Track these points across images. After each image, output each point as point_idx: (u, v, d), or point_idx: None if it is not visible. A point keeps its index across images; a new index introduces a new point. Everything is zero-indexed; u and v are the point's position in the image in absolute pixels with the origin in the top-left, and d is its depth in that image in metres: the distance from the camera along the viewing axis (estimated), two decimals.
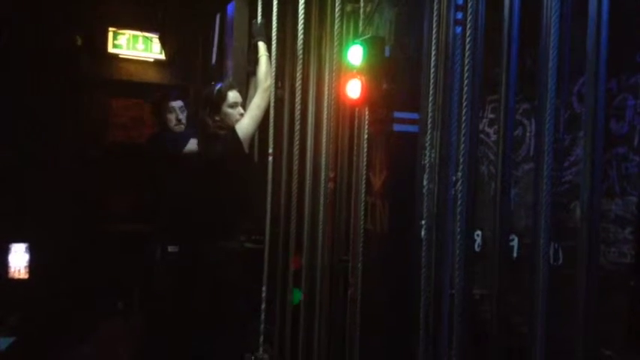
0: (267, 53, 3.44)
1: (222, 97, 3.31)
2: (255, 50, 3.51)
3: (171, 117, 3.79)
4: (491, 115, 2.71)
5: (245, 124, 3.30)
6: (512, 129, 2.10)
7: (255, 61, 3.51)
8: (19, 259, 5.47)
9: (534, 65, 1.95)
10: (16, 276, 5.42)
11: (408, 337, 2.31)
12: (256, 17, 3.70)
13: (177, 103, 3.84)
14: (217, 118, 3.27)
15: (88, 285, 5.37)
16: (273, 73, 3.45)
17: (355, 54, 2.33)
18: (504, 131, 2.05)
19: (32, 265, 5.47)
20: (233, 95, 3.36)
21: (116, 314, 5.06)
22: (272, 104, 3.50)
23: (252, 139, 3.41)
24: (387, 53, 2.36)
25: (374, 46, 2.33)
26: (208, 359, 3.22)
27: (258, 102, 3.35)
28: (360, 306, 2.58)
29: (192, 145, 3.62)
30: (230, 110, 3.30)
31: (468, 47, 2.09)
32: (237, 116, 3.30)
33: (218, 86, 3.40)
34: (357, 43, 2.35)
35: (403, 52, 2.36)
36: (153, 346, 3.26)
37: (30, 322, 4.86)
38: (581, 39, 1.79)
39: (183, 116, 3.84)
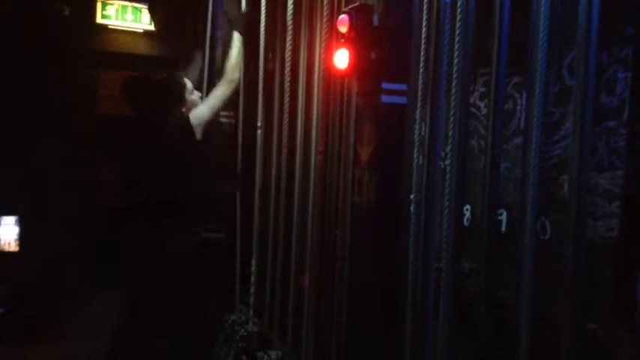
0: (240, 45, 3.34)
1: (182, 85, 3.16)
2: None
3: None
4: (483, 89, 2.69)
5: (200, 111, 3.16)
6: (502, 102, 2.08)
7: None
8: (9, 231, 5.47)
9: (527, 36, 1.92)
10: (6, 249, 5.43)
11: (395, 310, 2.32)
12: None
13: None
14: (184, 110, 3.15)
15: (79, 258, 5.37)
16: (242, 67, 3.33)
17: (343, 23, 2.28)
18: (495, 105, 2.02)
19: (22, 238, 5.47)
20: (188, 80, 3.24)
21: (108, 286, 5.05)
22: (261, 76, 3.46)
23: (205, 126, 3.28)
24: (375, 22, 2.31)
25: (362, 14, 2.28)
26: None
27: (220, 92, 3.23)
28: (348, 279, 2.58)
29: None
30: (192, 97, 3.20)
31: (459, 17, 2.06)
32: (198, 101, 3.20)
33: (168, 77, 3.23)
34: (345, 13, 2.31)
35: (392, 21, 2.31)
36: (136, 323, 3.22)
37: (20, 294, 4.87)
38: (573, 10, 1.76)
39: None
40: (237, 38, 3.36)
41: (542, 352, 1.82)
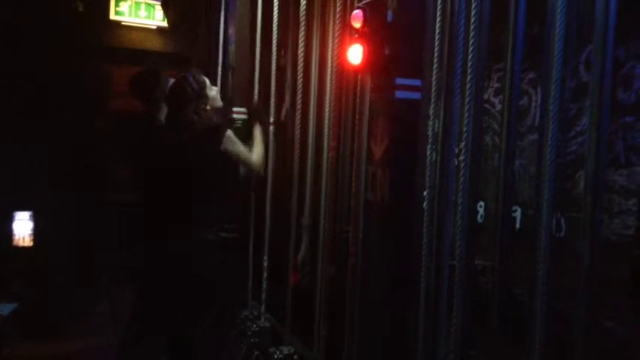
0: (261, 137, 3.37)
1: (201, 81, 3.11)
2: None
3: None
4: (497, 85, 2.67)
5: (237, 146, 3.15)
6: (517, 98, 2.06)
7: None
8: (23, 227, 5.51)
9: (542, 32, 1.90)
10: (21, 243, 5.47)
11: (409, 307, 2.31)
12: None
13: None
14: (208, 107, 3.10)
15: (92, 253, 5.41)
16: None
17: (357, 18, 2.27)
18: (509, 101, 2.00)
19: (36, 233, 5.51)
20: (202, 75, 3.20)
21: (120, 282, 5.08)
22: (273, 72, 3.46)
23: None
24: (389, 18, 2.30)
25: (376, 9, 2.27)
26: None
27: (246, 157, 3.24)
28: (360, 275, 2.57)
29: None
30: (212, 93, 3.17)
31: (473, 12, 2.04)
32: (215, 93, 3.17)
33: (187, 75, 3.18)
34: (359, 8, 2.29)
35: (406, 17, 2.30)
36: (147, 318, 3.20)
37: (33, 289, 4.91)
38: (590, 4, 1.74)
39: None
40: (258, 131, 3.38)
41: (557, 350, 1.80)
